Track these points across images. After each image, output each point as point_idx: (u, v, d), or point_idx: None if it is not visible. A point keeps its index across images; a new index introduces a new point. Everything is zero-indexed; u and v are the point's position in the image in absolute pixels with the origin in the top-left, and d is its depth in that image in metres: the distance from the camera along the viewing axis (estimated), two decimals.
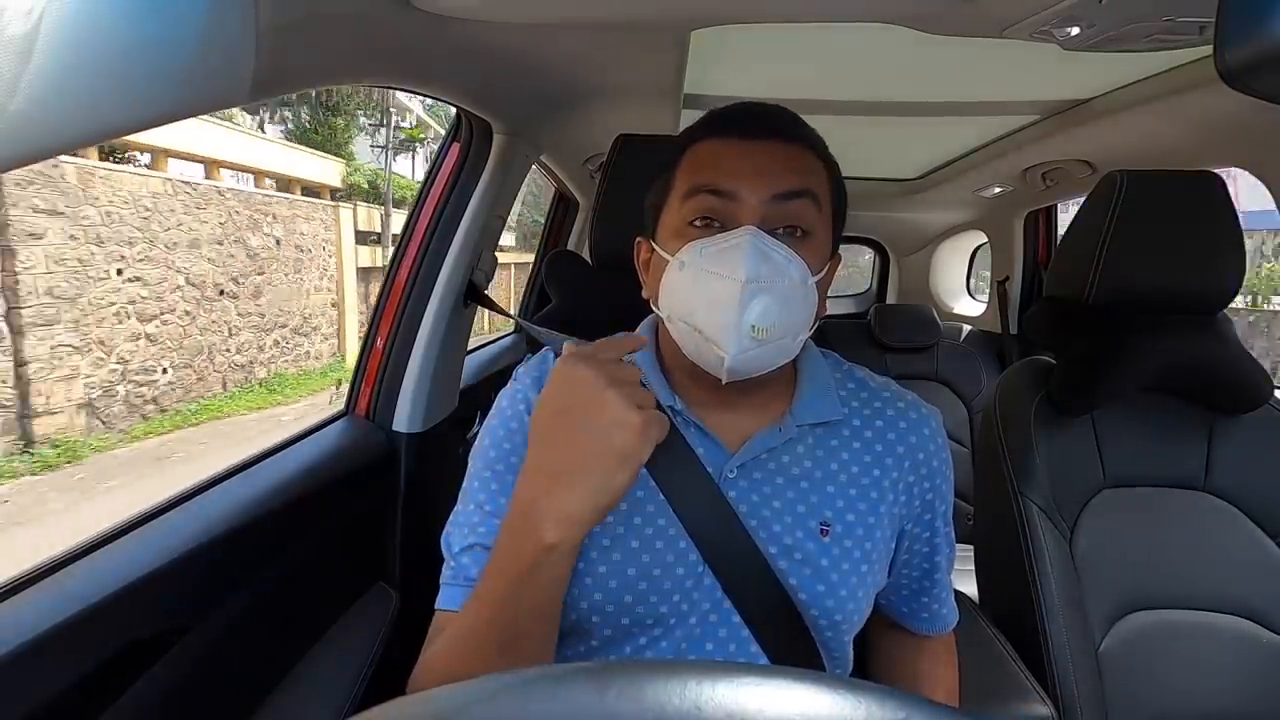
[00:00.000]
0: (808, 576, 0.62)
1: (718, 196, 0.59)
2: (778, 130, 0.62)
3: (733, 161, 0.60)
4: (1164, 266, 0.95)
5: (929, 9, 0.76)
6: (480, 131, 1.19)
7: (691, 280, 0.58)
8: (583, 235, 2.23)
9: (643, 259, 0.69)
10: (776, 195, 0.59)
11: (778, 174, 0.59)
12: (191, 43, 0.46)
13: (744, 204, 0.58)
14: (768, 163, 0.60)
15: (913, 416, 0.69)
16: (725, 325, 0.56)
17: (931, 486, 0.68)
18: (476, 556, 0.60)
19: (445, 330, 1.18)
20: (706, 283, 0.57)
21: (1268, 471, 0.99)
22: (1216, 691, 0.95)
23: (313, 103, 13.95)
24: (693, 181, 0.61)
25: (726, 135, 0.62)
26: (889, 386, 0.71)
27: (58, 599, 0.59)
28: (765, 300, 0.56)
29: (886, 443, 0.67)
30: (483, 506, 0.62)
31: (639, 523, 0.62)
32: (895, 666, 0.78)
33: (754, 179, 0.59)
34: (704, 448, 0.64)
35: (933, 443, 0.68)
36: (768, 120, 0.63)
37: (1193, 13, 0.69)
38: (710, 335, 0.57)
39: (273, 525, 0.83)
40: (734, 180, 0.59)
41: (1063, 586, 0.94)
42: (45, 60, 0.35)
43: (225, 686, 0.75)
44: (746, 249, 0.56)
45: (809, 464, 0.65)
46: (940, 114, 1.47)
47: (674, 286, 0.61)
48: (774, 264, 0.56)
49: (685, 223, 0.61)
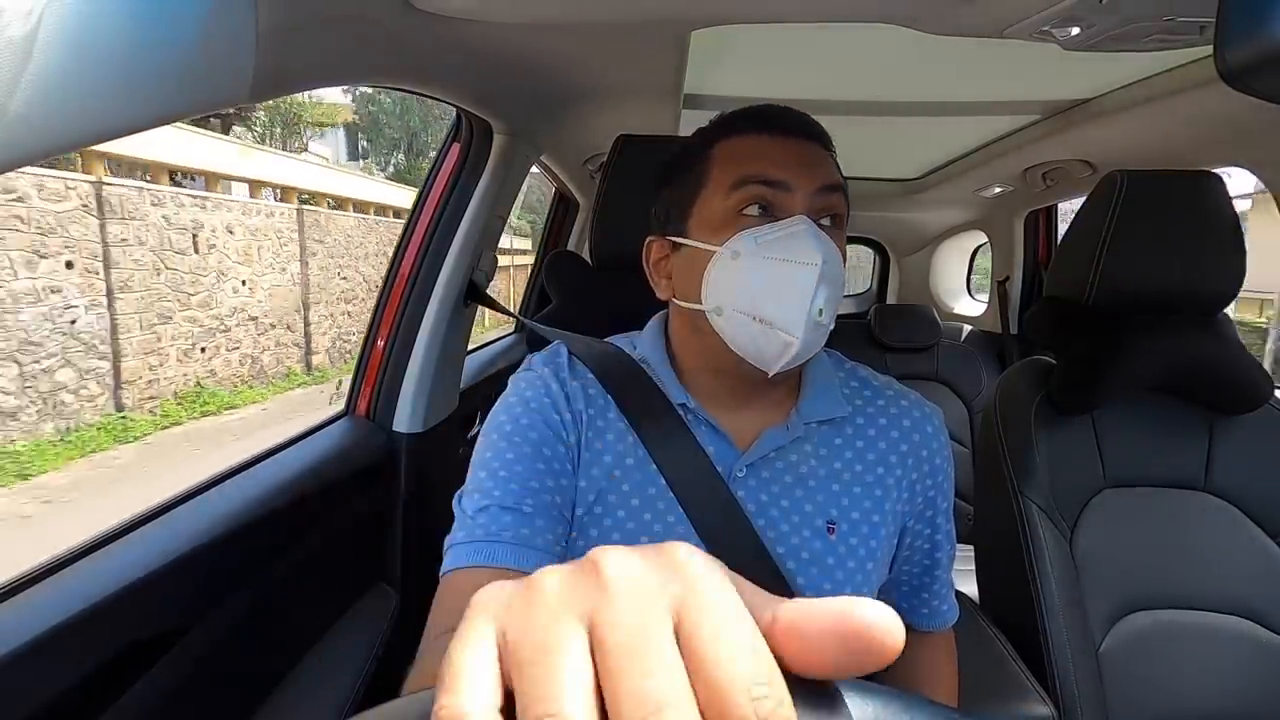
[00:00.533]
0: (815, 576, 0.62)
1: (770, 187, 0.59)
2: (811, 132, 0.64)
3: (777, 153, 0.61)
4: (1164, 266, 0.95)
5: (929, 9, 0.75)
6: (480, 131, 1.19)
7: (753, 268, 0.58)
8: (583, 235, 2.23)
9: (655, 259, 0.68)
10: (821, 188, 0.60)
11: (820, 168, 0.61)
12: (191, 43, 0.46)
13: (796, 194, 0.59)
14: (810, 157, 0.61)
15: (915, 415, 0.69)
16: (798, 311, 0.56)
17: (934, 484, 0.68)
18: (492, 515, 0.58)
19: (445, 330, 1.18)
20: (773, 269, 0.57)
21: (1268, 471, 0.98)
22: (1216, 691, 0.95)
23: (406, 150, 17.51)
24: (741, 173, 0.60)
25: (766, 132, 0.63)
26: (891, 385, 0.72)
27: (58, 599, 0.59)
28: (827, 286, 0.57)
29: (890, 441, 0.67)
30: (497, 473, 0.60)
31: (649, 519, 0.62)
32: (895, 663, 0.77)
33: (802, 170, 0.60)
34: (715, 446, 0.64)
35: (935, 441, 0.69)
36: (803, 121, 0.64)
37: (1193, 13, 0.69)
38: (779, 323, 0.57)
39: (273, 525, 0.83)
40: (785, 171, 0.60)
41: (1063, 586, 0.94)
42: (45, 60, 0.35)
43: (225, 686, 0.75)
44: (811, 235, 0.57)
45: (814, 463, 0.65)
46: (940, 114, 1.47)
47: (727, 277, 0.60)
48: (831, 249, 0.58)
49: (735, 212, 0.60)
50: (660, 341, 0.69)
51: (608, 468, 0.63)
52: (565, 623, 0.18)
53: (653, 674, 0.16)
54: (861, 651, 0.18)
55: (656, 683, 0.16)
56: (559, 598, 0.19)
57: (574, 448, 0.64)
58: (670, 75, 1.15)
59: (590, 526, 0.63)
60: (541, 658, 0.17)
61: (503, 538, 0.57)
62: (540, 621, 0.18)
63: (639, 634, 0.17)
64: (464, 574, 0.57)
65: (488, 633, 0.19)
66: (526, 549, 0.57)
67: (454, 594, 0.57)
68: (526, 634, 0.18)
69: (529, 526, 0.58)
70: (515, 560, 0.56)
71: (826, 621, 0.18)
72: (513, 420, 0.63)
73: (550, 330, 0.79)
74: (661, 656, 0.17)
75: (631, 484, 0.63)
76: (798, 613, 0.19)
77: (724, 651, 0.17)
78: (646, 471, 0.63)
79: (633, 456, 0.63)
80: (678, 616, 0.18)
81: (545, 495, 0.60)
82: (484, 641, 0.18)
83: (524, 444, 0.62)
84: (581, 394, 0.66)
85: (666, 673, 0.16)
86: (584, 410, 0.65)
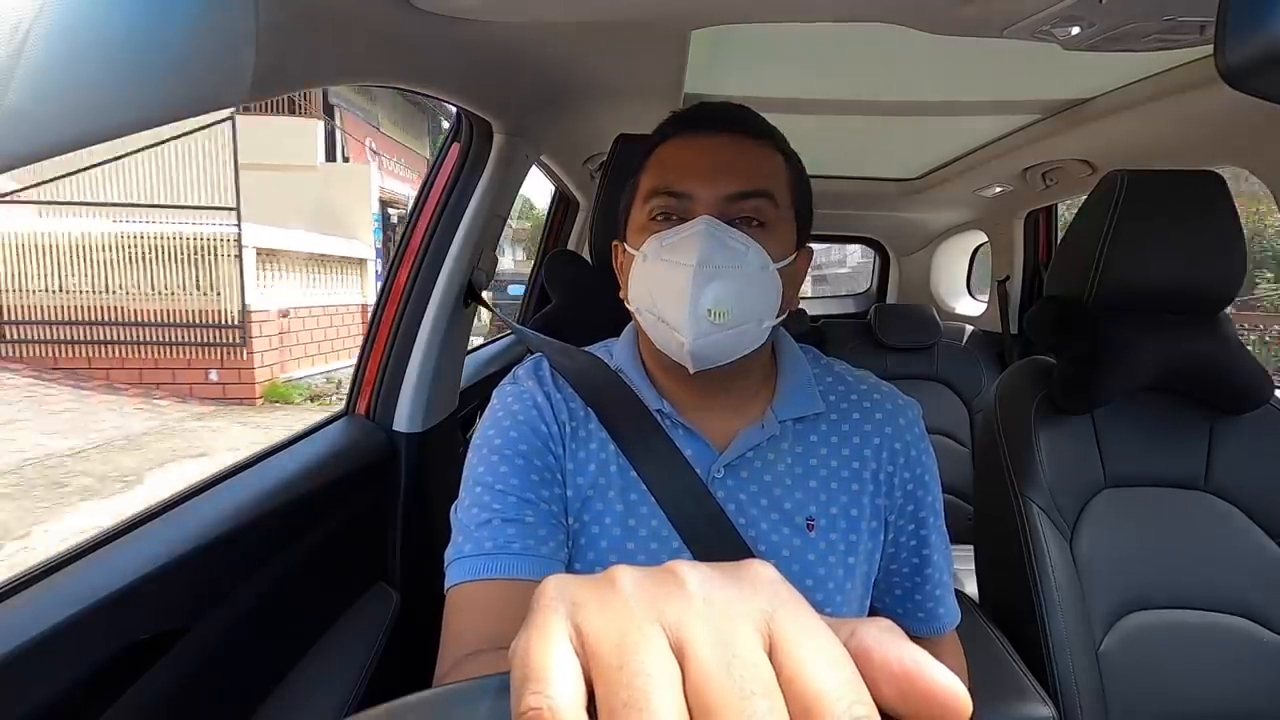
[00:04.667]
0: (795, 573, 0.62)
1: (674, 197, 0.61)
2: (730, 124, 0.64)
3: (690, 161, 0.62)
4: (1164, 266, 0.95)
5: (929, 9, 0.75)
6: (480, 131, 1.19)
7: (651, 270, 0.61)
8: (583, 235, 2.23)
9: (618, 261, 0.71)
10: (731, 195, 0.60)
11: (733, 173, 0.61)
12: (191, 41, 0.46)
13: (699, 202, 0.61)
14: (726, 159, 0.62)
15: (888, 407, 0.69)
16: (680, 309, 0.58)
17: (912, 477, 0.68)
18: (496, 530, 0.59)
19: (445, 330, 1.17)
20: (664, 271, 0.59)
21: (1268, 471, 0.98)
22: (1217, 691, 0.94)
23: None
24: (652, 184, 0.63)
25: (683, 134, 0.64)
26: (867, 379, 0.72)
27: (58, 599, 0.58)
28: (720, 285, 0.57)
29: (864, 434, 0.67)
30: (493, 487, 0.61)
31: (633, 524, 0.63)
32: None
33: (709, 178, 0.61)
34: (692, 449, 0.65)
35: (910, 432, 0.68)
36: (726, 115, 0.65)
37: (1193, 13, 0.69)
38: (672, 322, 0.59)
39: (273, 525, 0.83)
40: (689, 181, 0.61)
41: (1063, 586, 0.94)
42: (43, 59, 0.35)
43: (225, 686, 0.75)
44: (701, 235, 0.58)
45: (791, 460, 0.65)
46: (940, 114, 1.47)
47: (638, 278, 0.63)
48: (730, 249, 0.58)
49: (647, 219, 0.63)
50: (634, 348, 0.71)
51: (592, 476, 0.64)
52: (648, 626, 0.18)
53: (750, 694, 0.16)
54: (919, 703, 0.18)
55: (754, 705, 0.16)
56: (638, 600, 0.19)
57: (561, 458, 0.65)
58: (670, 75, 1.15)
59: (579, 534, 0.63)
60: (630, 660, 0.17)
61: (511, 549, 0.58)
62: (621, 623, 0.18)
63: (733, 649, 0.17)
64: (476, 587, 0.57)
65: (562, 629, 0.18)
66: (535, 559, 0.58)
67: (470, 607, 0.57)
68: (606, 634, 0.18)
69: (534, 537, 0.59)
70: (527, 571, 0.57)
71: (892, 664, 0.18)
72: (502, 434, 0.64)
73: (535, 338, 0.79)
74: (758, 675, 0.17)
75: (615, 490, 0.64)
76: (873, 640, 0.19)
77: (821, 671, 0.17)
78: (628, 478, 0.64)
79: (615, 464, 0.65)
80: (769, 634, 0.18)
81: (543, 506, 0.61)
82: (561, 637, 0.18)
83: (516, 456, 0.63)
84: (564, 405, 0.67)
85: (765, 692, 0.16)
86: (567, 421, 0.66)
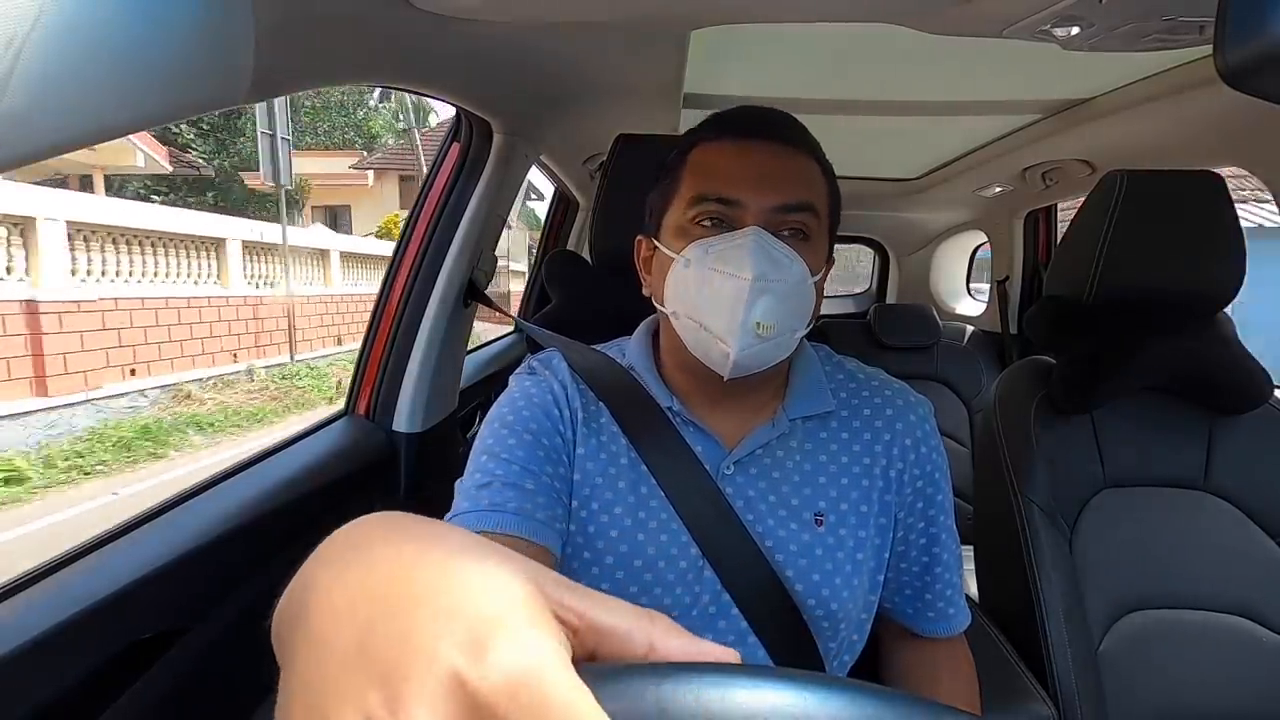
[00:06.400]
0: (803, 568, 0.63)
1: (723, 204, 0.61)
2: (777, 133, 0.63)
3: (736, 169, 0.61)
4: (1164, 266, 0.95)
5: (929, 9, 0.75)
6: (480, 131, 1.19)
7: (697, 278, 0.60)
8: (583, 235, 2.23)
9: (643, 256, 0.71)
10: (778, 206, 0.60)
11: (780, 184, 0.61)
12: (191, 42, 0.46)
13: (748, 211, 0.60)
14: (772, 169, 0.61)
15: (899, 403, 0.69)
16: (732, 322, 0.58)
17: (923, 474, 0.68)
18: (495, 491, 0.59)
19: (445, 330, 1.17)
20: (713, 280, 0.59)
21: (1268, 471, 0.98)
22: (1216, 691, 0.94)
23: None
24: (698, 189, 0.62)
25: (728, 138, 0.63)
26: (877, 376, 0.72)
27: (58, 599, 0.58)
28: (769, 298, 0.58)
29: (874, 430, 0.68)
30: (498, 455, 0.62)
31: (644, 516, 0.63)
32: (909, 671, 0.75)
33: (757, 188, 0.60)
34: (702, 445, 0.65)
35: (920, 429, 0.69)
36: (768, 122, 0.64)
37: (1193, 13, 0.69)
38: (717, 332, 0.59)
39: (273, 525, 0.83)
40: (739, 188, 0.60)
41: (1063, 586, 0.94)
42: (43, 59, 0.35)
43: (225, 686, 0.75)
44: (752, 248, 0.58)
45: (800, 458, 0.66)
46: (940, 114, 1.47)
47: (680, 284, 0.62)
48: (777, 263, 0.58)
49: (691, 222, 0.62)
50: (647, 347, 0.71)
51: (602, 465, 0.65)
52: None
53: None
54: None
55: None
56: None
57: (570, 442, 0.66)
58: (670, 75, 1.15)
59: (588, 523, 0.64)
60: None
61: (507, 508, 0.58)
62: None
63: None
64: None
65: None
66: (532, 521, 0.58)
67: None
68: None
69: (531, 502, 0.60)
70: (522, 530, 0.57)
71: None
72: (514, 411, 0.65)
73: (545, 334, 0.79)
74: None
75: (625, 481, 0.65)
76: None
77: None
78: (639, 471, 0.65)
79: (626, 457, 0.65)
80: None
81: (545, 479, 0.62)
82: None
83: (524, 432, 0.63)
84: (578, 395, 0.68)
85: None
86: (580, 409, 0.67)
